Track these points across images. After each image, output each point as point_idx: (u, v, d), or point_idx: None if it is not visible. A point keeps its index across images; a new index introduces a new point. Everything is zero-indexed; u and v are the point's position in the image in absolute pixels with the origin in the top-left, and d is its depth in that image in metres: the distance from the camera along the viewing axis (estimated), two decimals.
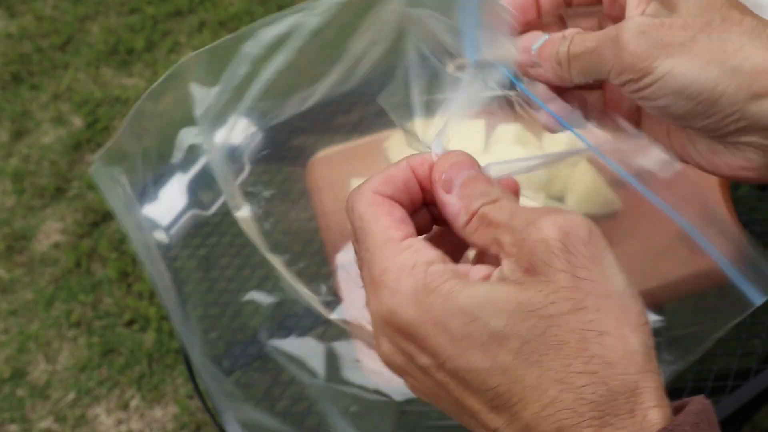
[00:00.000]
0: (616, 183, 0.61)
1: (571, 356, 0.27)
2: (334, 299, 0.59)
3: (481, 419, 0.28)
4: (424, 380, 0.30)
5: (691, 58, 0.33)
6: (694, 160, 0.38)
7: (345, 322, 0.59)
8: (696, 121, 0.35)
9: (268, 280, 0.64)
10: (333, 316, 0.59)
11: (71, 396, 1.40)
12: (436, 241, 0.33)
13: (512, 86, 0.41)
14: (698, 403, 0.27)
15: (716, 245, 0.36)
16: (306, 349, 0.57)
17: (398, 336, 0.29)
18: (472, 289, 0.28)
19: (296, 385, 0.60)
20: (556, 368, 0.27)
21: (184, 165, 0.68)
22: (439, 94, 0.40)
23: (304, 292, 0.59)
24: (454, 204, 0.32)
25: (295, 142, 0.77)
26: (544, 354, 0.27)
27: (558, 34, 0.38)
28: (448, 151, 0.34)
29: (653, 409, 0.27)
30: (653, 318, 0.59)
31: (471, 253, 0.34)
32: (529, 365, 0.27)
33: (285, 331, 0.60)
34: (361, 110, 0.80)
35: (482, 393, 0.28)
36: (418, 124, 0.67)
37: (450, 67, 0.41)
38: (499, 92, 0.40)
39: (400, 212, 0.32)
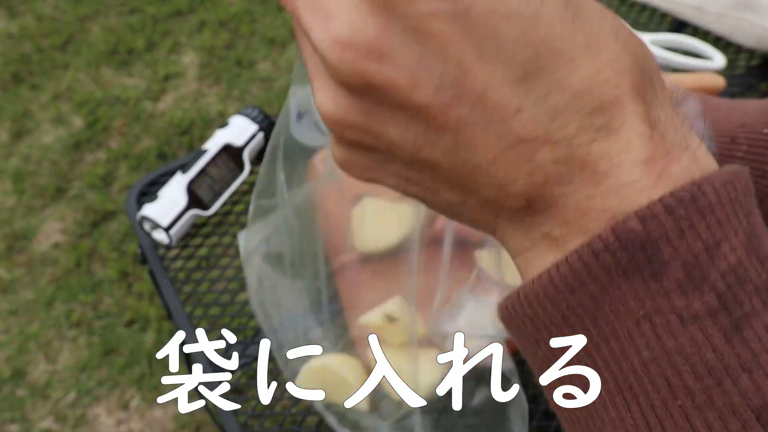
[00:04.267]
0: None
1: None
2: (334, 299, 0.59)
3: (491, 100, 0.21)
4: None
5: None
6: None
7: (345, 323, 0.59)
8: None
9: None
10: (333, 317, 0.59)
11: (71, 396, 1.40)
12: None
13: None
14: (734, 166, 0.23)
15: None
16: (305, 349, 0.57)
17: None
18: None
19: None
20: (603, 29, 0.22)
21: (184, 165, 0.68)
22: None
23: (303, 292, 0.59)
24: None
25: None
26: (591, 15, 0.22)
27: None
28: None
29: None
30: None
31: None
32: (578, 24, 0.22)
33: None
34: None
35: (513, 54, 0.21)
36: None
37: None
38: None
39: None
